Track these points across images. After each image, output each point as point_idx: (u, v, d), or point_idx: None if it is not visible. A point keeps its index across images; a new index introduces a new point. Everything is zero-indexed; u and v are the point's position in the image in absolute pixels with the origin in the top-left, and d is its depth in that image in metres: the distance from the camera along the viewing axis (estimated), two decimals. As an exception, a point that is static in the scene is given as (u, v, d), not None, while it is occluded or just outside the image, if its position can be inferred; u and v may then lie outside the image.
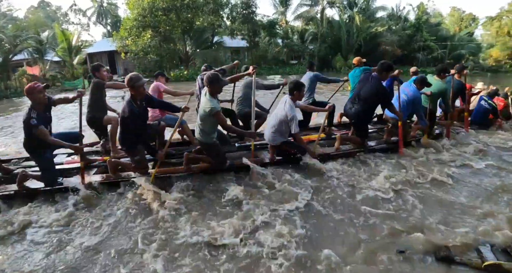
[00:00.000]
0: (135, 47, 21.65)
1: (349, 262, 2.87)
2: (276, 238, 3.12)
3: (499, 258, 2.87)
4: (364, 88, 5.04)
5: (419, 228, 3.40)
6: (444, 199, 4.08)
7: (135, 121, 3.82)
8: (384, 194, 4.11)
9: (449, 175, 4.79)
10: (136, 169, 4.20)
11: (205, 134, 4.16)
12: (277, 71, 25.57)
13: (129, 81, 3.70)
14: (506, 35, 26.32)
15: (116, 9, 46.61)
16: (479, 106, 7.31)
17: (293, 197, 3.92)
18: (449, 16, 47.54)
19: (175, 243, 3.12)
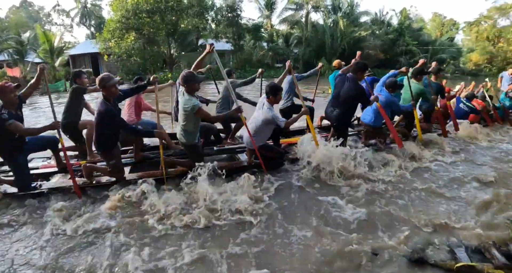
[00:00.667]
0: (118, 50, 21.39)
1: (321, 265, 2.89)
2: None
3: (472, 259, 2.93)
4: (342, 91, 5.09)
5: (392, 230, 3.45)
6: (417, 201, 4.16)
7: (109, 121, 3.77)
8: (356, 194, 4.19)
9: (423, 176, 4.92)
10: (112, 173, 4.15)
11: (188, 134, 4.16)
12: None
13: (101, 82, 3.68)
14: (485, 40, 27.00)
15: (100, 10, 46.09)
16: (458, 108, 7.49)
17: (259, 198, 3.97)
18: (431, 21, 48.60)
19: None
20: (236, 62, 28.63)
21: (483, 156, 5.95)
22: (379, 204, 4.01)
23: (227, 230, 3.43)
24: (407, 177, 4.83)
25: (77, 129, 4.96)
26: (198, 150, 4.37)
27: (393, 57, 31.34)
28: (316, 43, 28.96)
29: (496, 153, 6.16)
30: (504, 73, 10.76)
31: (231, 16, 27.10)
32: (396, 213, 3.80)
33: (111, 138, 3.96)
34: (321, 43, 28.82)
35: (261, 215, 3.66)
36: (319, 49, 28.75)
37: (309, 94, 7.16)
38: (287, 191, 4.29)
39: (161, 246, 3.13)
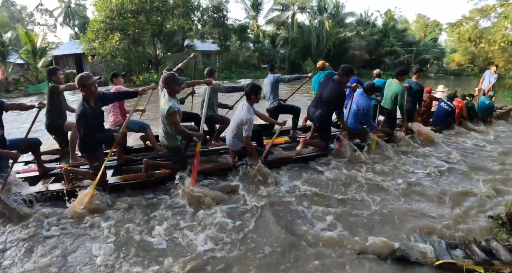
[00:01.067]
0: (102, 50, 21.09)
1: (305, 265, 2.91)
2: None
3: (453, 255, 2.99)
4: (325, 91, 5.13)
5: (375, 230, 3.49)
6: (398, 200, 4.22)
7: (90, 122, 3.70)
8: (337, 195, 4.24)
9: (404, 175, 5.00)
10: (94, 176, 4.08)
11: (170, 137, 4.11)
12: (248, 75, 25.65)
13: (80, 81, 3.61)
14: (467, 41, 27.53)
15: (84, 10, 45.38)
16: (439, 108, 7.64)
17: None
18: (415, 22, 49.35)
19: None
20: (222, 63, 28.61)
21: (463, 153, 6.08)
22: (360, 204, 4.07)
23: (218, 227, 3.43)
24: (388, 176, 4.91)
25: (61, 130, 4.88)
26: (181, 152, 4.34)
27: (378, 57, 31.70)
28: (302, 44, 29.09)
29: (473, 151, 6.31)
30: (487, 72, 10.97)
31: (217, 17, 27.05)
32: (378, 213, 3.86)
33: (94, 140, 3.89)
34: (307, 43, 28.95)
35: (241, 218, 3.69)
36: (305, 50, 28.88)
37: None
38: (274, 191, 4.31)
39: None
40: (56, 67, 5.02)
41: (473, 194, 4.45)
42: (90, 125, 3.73)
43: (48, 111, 4.74)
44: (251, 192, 4.23)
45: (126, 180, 4.25)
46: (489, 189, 4.58)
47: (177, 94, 4.14)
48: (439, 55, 37.11)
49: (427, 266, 2.88)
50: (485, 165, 5.62)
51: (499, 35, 15.10)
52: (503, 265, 2.78)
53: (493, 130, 8.20)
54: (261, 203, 3.94)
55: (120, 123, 5.00)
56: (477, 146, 6.69)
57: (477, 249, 2.96)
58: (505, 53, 19.64)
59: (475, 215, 3.88)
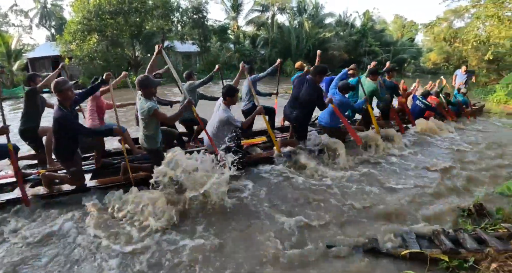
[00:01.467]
0: (80, 52, 20.67)
1: (278, 260, 2.99)
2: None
3: (422, 245, 3.12)
4: (301, 93, 5.22)
5: (347, 223, 3.61)
6: (371, 193, 4.37)
7: (66, 127, 3.69)
8: (312, 189, 4.39)
9: (378, 169, 5.17)
10: (72, 181, 4.05)
11: (150, 139, 4.10)
12: (228, 76, 25.60)
13: (56, 86, 3.60)
14: (443, 41, 28.19)
15: (61, 10, 44.29)
16: (414, 105, 7.88)
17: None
18: (393, 23, 50.38)
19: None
20: (203, 64, 28.48)
21: (437, 148, 6.32)
22: (333, 198, 4.20)
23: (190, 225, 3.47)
24: (361, 171, 5.05)
25: (36, 136, 4.80)
26: (161, 155, 4.34)
27: (356, 57, 32.27)
28: (282, 44, 29.34)
29: (449, 145, 6.54)
30: (458, 71, 11.34)
31: (196, 18, 26.92)
32: (350, 206, 3.99)
33: (70, 145, 3.87)
34: (287, 44, 29.22)
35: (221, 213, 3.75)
36: (285, 50, 29.12)
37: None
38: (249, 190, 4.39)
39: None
40: (35, 73, 4.95)
41: (444, 187, 4.64)
42: (66, 130, 3.72)
43: (23, 117, 4.67)
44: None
45: (105, 184, 4.23)
46: (460, 183, 4.78)
47: (154, 95, 4.16)
48: (416, 54, 38.17)
49: (397, 257, 3.00)
50: (456, 159, 5.84)
51: (472, 35, 15.56)
52: (469, 253, 2.92)
53: (467, 125, 8.52)
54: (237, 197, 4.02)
55: (98, 126, 4.96)
56: (448, 141, 6.94)
57: (445, 239, 3.10)
58: (478, 52, 20.23)
59: (445, 207, 4.05)
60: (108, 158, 5.18)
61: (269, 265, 2.91)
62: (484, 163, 5.73)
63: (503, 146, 6.82)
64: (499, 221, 3.61)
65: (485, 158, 6.01)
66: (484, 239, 3.09)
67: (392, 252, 3.05)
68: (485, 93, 16.27)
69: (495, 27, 13.82)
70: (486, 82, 19.65)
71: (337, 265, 2.92)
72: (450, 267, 2.85)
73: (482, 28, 15.71)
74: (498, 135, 7.88)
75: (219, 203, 3.85)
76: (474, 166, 5.55)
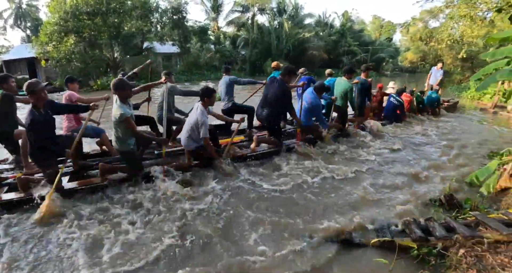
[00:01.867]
0: (57, 54, 20.21)
1: (255, 253, 3.05)
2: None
3: (394, 235, 3.23)
4: (270, 92, 5.30)
5: (321, 216, 3.70)
6: (343, 188, 4.49)
7: (40, 130, 3.65)
8: (285, 186, 4.45)
9: (351, 164, 5.28)
10: (50, 183, 4.00)
11: (121, 141, 4.10)
12: (209, 76, 25.59)
13: (28, 87, 3.56)
14: (419, 40, 28.91)
15: (37, 11, 43.12)
16: (389, 102, 8.10)
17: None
18: (371, 23, 51.31)
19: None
20: (183, 65, 28.30)
21: (410, 144, 6.51)
22: (307, 193, 4.31)
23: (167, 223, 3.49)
24: (335, 167, 5.16)
25: (12, 139, 4.71)
26: (135, 156, 4.35)
27: (336, 57, 32.75)
28: (263, 45, 29.47)
29: (422, 140, 6.77)
30: (433, 68, 11.64)
31: (176, 18, 26.77)
32: (328, 200, 4.10)
33: (46, 147, 3.82)
34: (268, 44, 29.37)
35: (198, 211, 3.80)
36: (265, 51, 29.27)
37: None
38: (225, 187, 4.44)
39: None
40: (7, 74, 4.79)
41: (415, 179, 4.83)
42: (40, 132, 3.67)
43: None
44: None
45: (83, 185, 4.19)
46: (430, 174, 4.96)
47: (130, 98, 4.15)
48: (393, 54, 39.04)
49: (369, 246, 3.11)
50: (429, 153, 6.05)
51: (446, 34, 15.99)
52: (438, 241, 3.04)
53: (440, 121, 8.82)
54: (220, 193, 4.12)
55: (75, 128, 4.89)
56: (423, 136, 7.18)
57: (415, 227, 3.22)
58: (452, 51, 20.86)
59: (417, 198, 4.19)
60: (86, 160, 5.12)
61: (244, 260, 2.95)
62: (455, 155, 5.95)
63: (474, 139, 7.10)
64: (468, 210, 3.77)
65: (456, 150, 6.24)
66: (453, 227, 3.22)
67: (364, 242, 3.16)
68: (460, 90, 16.79)
69: (468, 27, 14.26)
70: (461, 80, 20.28)
71: (312, 257, 2.99)
72: (420, 255, 2.96)
73: (456, 28, 16.20)
74: (469, 129, 8.19)
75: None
76: (445, 159, 5.76)
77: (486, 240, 2.96)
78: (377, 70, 34.46)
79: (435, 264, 2.87)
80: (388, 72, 37.72)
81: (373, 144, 6.34)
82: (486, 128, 8.72)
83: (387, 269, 2.72)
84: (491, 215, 3.44)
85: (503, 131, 8.28)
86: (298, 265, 2.87)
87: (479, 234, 3.05)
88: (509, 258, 2.75)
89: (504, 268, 2.63)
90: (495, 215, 3.47)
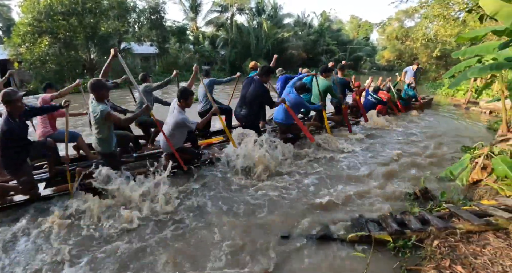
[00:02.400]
0: (30, 56, 19.57)
1: (233, 253, 3.06)
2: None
3: (371, 230, 3.30)
4: (248, 92, 5.33)
5: (301, 214, 3.75)
6: (322, 185, 4.57)
7: (16, 138, 3.56)
8: (268, 184, 4.51)
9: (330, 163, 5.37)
10: (25, 191, 3.89)
11: (104, 143, 4.03)
12: (188, 77, 25.32)
13: (4, 97, 3.46)
14: (395, 39, 29.53)
15: (9, 11, 41.75)
16: (366, 100, 8.26)
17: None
18: (349, 23, 51.99)
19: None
20: (162, 66, 27.92)
21: (388, 140, 6.65)
22: (289, 192, 4.35)
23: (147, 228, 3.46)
24: (316, 165, 5.24)
25: None
26: (116, 158, 4.28)
27: (315, 56, 33.04)
28: (242, 45, 29.41)
29: (399, 137, 6.92)
30: (409, 68, 11.91)
31: (154, 19, 26.40)
32: (304, 199, 4.15)
33: (18, 155, 3.72)
34: (247, 44, 29.34)
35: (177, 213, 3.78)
36: (245, 51, 29.23)
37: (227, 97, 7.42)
38: (205, 189, 4.44)
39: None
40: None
41: (391, 174, 4.96)
42: (15, 141, 3.59)
43: None
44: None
45: (60, 191, 4.10)
46: (406, 169, 5.09)
47: (107, 99, 4.10)
48: (371, 52, 39.81)
49: (347, 241, 3.17)
50: (405, 148, 6.22)
51: (421, 33, 16.45)
52: (413, 233, 3.13)
53: (416, 117, 9.06)
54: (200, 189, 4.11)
55: (50, 133, 4.79)
56: (399, 132, 7.35)
57: (391, 221, 3.30)
58: (427, 49, 21.43)
59: (393, 193, 4.31)
60: (62, 165, 5.01)
61: (224, 259, 2.97)
62: (430, 150, 6.14)
63: (448, 134, 7.33)
64: (443, 203, 3.88)
65: (431, 146, 6.43)
66: (428, 219, 3.32)
67: (342, 237, 3.22)
68: (435, 87, 17.25)
69: (442, 26, 14.70)
70: (436, 77, 20.82)
71: (291, 254, 3.03)
72: (396, 247, 3.04)
73: (430, 27, 16.64)
74: (444, 125, 8.43)
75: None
76: (421, 154, 5.92)
77: (459, 230, 3.07)
78: (356, 68, 34.96)
79: (410, 256, 2.96)
80: (366, 70, 38.32)
81: (350, 142, 6.45)
82: (460, 123, 9.00)
83: (365, 262, 2.78)
84: (464, 207, 3.56)
85: (475, 126, 8.58)
86: (276, 262, 2.90)
87: (452, 225, 3.16)
88: (481, 247, 2.86)
89: (476, 257, 2.74)
90: (467, 207, 3.60)
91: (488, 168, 4.55)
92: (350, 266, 2.88)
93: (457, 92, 14.35)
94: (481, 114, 10.33)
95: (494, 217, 3.18)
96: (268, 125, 7.27)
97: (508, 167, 4.14)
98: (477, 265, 2.63)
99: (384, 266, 2.88)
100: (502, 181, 4.20)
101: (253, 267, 2.84)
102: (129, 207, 3.79)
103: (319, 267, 2.87)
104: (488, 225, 3.10)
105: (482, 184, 4.42)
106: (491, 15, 3.73)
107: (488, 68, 4.14)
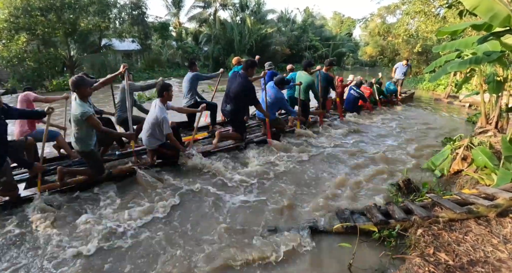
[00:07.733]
0: (7, 53, 18.97)
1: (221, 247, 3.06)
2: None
3: (356, 221, 3.35)
4: (232, 87, 5.31)
5: (287, 207, 3.78)
6: (305, 176, 4.65)
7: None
8: (250, 179, 4.50)
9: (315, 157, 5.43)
10: (4, 192, 3.76)
11: (82, 142, 3.92)
12: (171, 74, 25.08)
13: None
14: (377, 35, 29.88)
15: (-15, 8, 40.54)
16: (349, 95, 8.37)
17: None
18: (332, 19, 52.45)
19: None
20: (144, 62, 27.52)
21: (371, 134, 6.76)
22: (274, 185, 4.39)
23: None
24: (299, 160, 5.28)
25: None
26: (96, 156, 4.17)
27: (298, 52, 33.22)
28: (225, 41, 29.28)
29: (381, 131, 7.04)
30: (399, 64, 11.99)
31: (136, 14, 25.97)
32: (287, 191, 4.17)
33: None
34: (230, 40, 29.22)
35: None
36: (228, 47, 29.12)
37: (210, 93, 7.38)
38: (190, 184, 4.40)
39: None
40: None
41: (375, 166, 5.01)
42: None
43: None
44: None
45: (41, 191, 3.99)
46: (389, 161, 5.19)
47: (90, 96, 4.01)
48: (353, 48, 40.28)
49: (333, 233, 3.21)
50: (388, 141, 6.32)
51: (402, 29, 16.71)
52: (397, 223, 3.19)
53: (398, 111, 9.24)
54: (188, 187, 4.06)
55: (28, 133, 4.65)
56: (382, 125, 7.48)
57: (376, 212, 3.36)
58: (408, 45, 21.78)
59: (377, 184, 4.38)
60: (42, 164, 4.89)
61: (212, 253, 2.96)
62: (413, 142, 6.26)
63: (429, 127, 7.50)
64: (425, 193, 3.97)
65: (413, 138, 6.56)
66: (411, 209, 3.39)
67: (328, 228, 3.26)
68: (416, 82, 17.59)
69: (423, 22, 14.98)
70: (417, 72, 21.19)
71: (278, 247, 3.03)
72: (381, 237, 3.10)
73: (411, 23, 16.92)
74: (425, 118, 8.63)
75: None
76: (403, 146, 6.04)
77: (441, 219, 3.14)
78: (339, 64, 35.27)
79: (395, 245, 3.01)
80: (349, 66, 38.77)
81: (334, 136, 6.53)
82: (440, 116, 9.20)
83: (351, 252, 2.82)
84: (446, 196, 3.65)
85: (455, 119, 8.80)
86: (265, 255, 2.91)
87: (435, 214, 3.24)
88: (463, 234, 2.94)
89: (459, 244, 2.81)
90: (449, 196, 3.69)
91: (468, 159, 4.68)
92: (336, 256, 2.91)
93: (437, 86, 14.67)
94: (461, 107, 10.58)
95: (475, 205, 3.27)
96: (251, 120, 7.26)
97: (487, 157, 4.27)
98: (460, 251, 2.70)
99: (370, 255, 2.93)
100: (481, 170, 4.33)
101: (241, 260, 2.85)
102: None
103: (305, 259, 2.90)
104: (470, 213, 3.19)
105: (462, 174, 4.55)
106: (470, 9, 3.80)
107: (467, 62, 4.23)
